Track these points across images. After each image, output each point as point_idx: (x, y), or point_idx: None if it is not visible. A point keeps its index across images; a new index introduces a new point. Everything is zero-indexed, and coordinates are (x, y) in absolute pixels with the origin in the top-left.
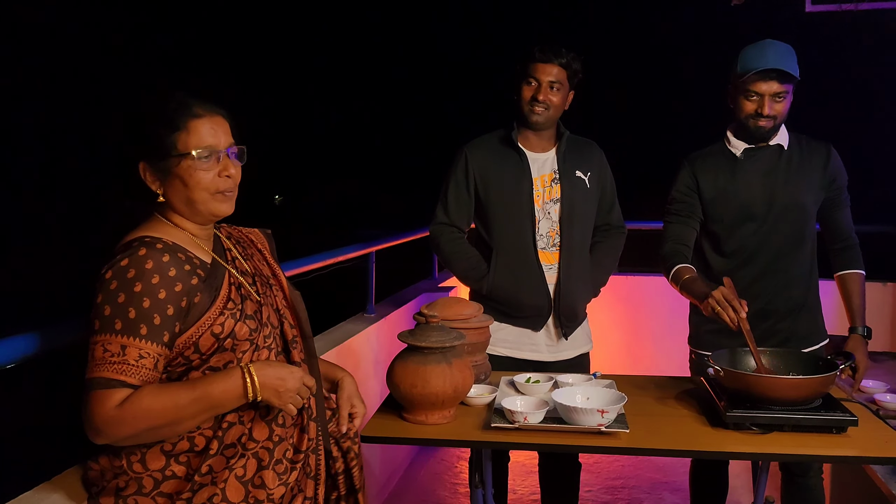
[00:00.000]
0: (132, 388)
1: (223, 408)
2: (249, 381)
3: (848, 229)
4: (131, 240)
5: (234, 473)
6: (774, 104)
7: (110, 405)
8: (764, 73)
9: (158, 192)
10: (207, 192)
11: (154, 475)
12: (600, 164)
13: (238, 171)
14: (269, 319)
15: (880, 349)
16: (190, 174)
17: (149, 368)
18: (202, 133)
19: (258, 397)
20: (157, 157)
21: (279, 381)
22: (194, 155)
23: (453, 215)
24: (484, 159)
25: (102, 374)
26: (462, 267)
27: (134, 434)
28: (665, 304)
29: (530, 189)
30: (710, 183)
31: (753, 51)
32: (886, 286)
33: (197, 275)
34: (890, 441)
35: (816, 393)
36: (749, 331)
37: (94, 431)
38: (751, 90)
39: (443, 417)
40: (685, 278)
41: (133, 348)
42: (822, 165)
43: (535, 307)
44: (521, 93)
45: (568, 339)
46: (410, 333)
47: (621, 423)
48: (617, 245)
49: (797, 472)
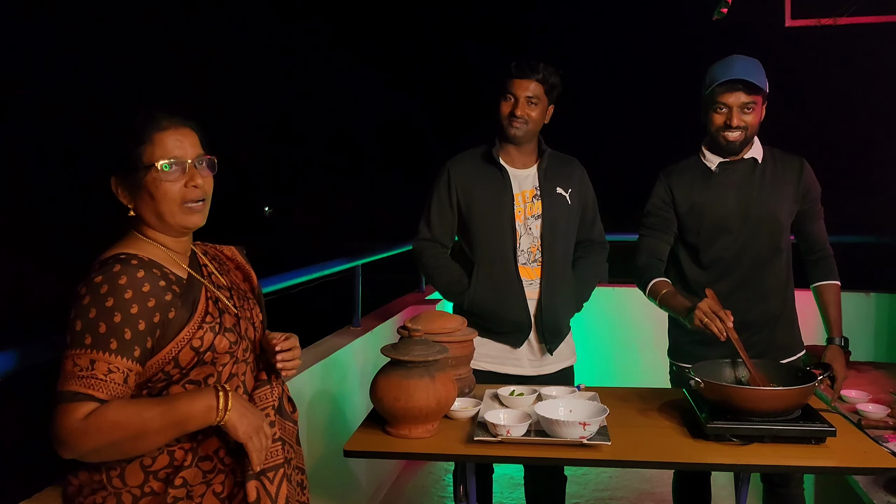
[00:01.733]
0: (100, 402)
1: (192, 423)
2: (222, 399)
3: (822, 241)
4: (107, 257)
5: (213, 489)
6: (743, 115)
7: (76, 417)
8: (730, 83)
9: (129, 207)
10: (175, 204)
11: (133, 491)
12: (581, 181)
13: (208, 181)
14: (247, 333)
15: (863, 359)
16: (156, 186)
17: (118, 383)
18: (167, 145)
19: (223, 420)
20: (125, 171)
21: (251, 427)
22: (158, 167)
23: (436, 231)
24: (466, 175)
25: (70, 388)
26: (444, 282)
27: (98, 447)
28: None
29: (511, 205)
30: (686, 196)
31: (720, 65)
32: (870, 296)
33: (172, 290)
34: (869, 451)
35: (796, 404)
36: (738, 339)
37: (60, 444)
38: (719, 102)
39: (426, 431)
40: (664, 293)
41: (102, 363)
42: (796, 178)
43: (516, 323)
44: (500, 108)
45: (553, 355)
46: (393, 347)
47: (603, 436)
48: (599, 260)
49: (778, 483)
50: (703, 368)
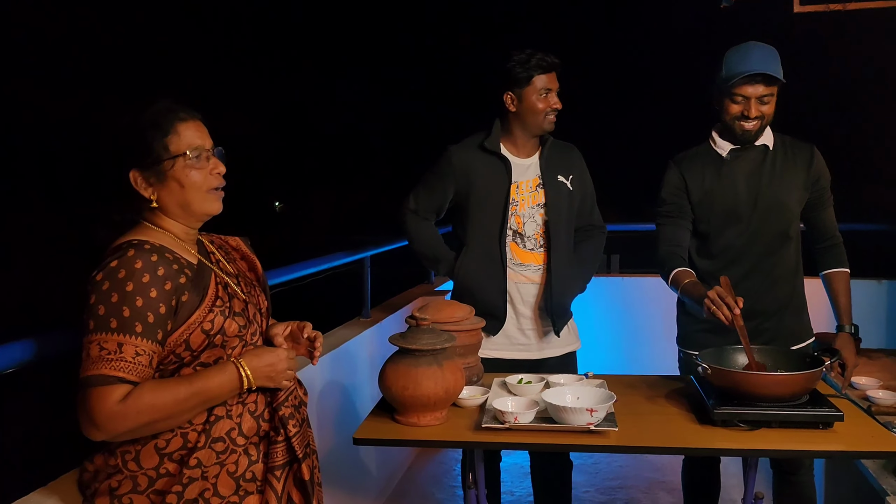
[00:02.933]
0: (131, 385)
1: (219, 399)
2: (244, 373)
3: (832, 228)
4: (120, 244)
5: (226, 469)
6: (760, 106)
7: (112, 401)
8: (750, 76)
9: (152, 198)
10: (202, 191)
11: (149, 473)
12: (580, 168)
13: (223, 169)
14: (255, 318)
15: (874, 346)
16: (185, 174)
17: (144, 365)
18: (190, 134)
19: (252, 387)
20: (149, 163)
21: (269, 367)
22: (189, 154)
23: (422, 205)
24: (468, 162)
25: (101, 372)
26: (425, 243)
27: (134, 428)
28: (658, 305)
29: (507, 193)
30: (698, 184)
31: (738, 54)
32: (881, 283)
33: (185, 274)
34: (876, 435)
35: (803, 389)
36: (743, 327)
37: (95, 427)
38: (736, 93)
39: (435, 419)
40: (685, 283)
41: (130, 346)
42: (806, 166)
43: (492, 304)
44: (534, 104)
45: (559, 336)
46: (401, 336)
47: (610, 422)
48: (599, 244)
49: (788, 470)
50: (710, 355)
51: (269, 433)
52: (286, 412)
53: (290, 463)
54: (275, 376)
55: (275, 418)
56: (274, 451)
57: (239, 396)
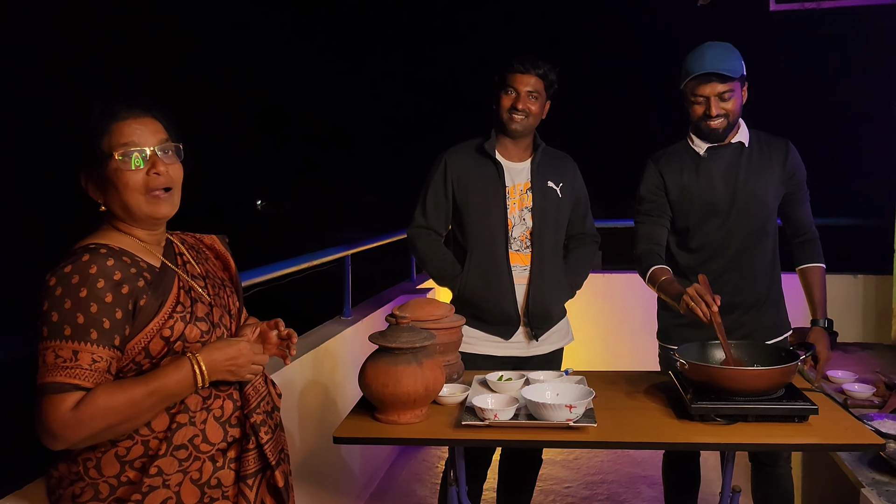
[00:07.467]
0: (85, 391)
1: (178, 397)
2: (197, 369)
3: (808, 223)
4: (76, 248)
5: (190, 477)
6: (721, 104)
7: (65, 408)
8: (703, 76)
9: (100, 202)
10: (139, 193)
11: (109, 481)
12: (573, 176)
13: (174, 169)
14: (222, 321)
15: (851, 340)
16: (118, 176)
17: (103, 371)
18: (125, 134)
19: (206, 383)
20: (91, 166)
21: (229, 361)
22: (116, 156)
23: (431, 219)
24: (461, 166)
25: (55, 379)
26: (437, 267)
27: (92, 434)
28: (639, 300)
29: (504, 198)
30: (676, 181)
31: (692, 56)
32: (857, 278)
33: (143, 277)
34: (850, 428)
35: (778, 383)
36: (720, 324)
37: (51, 436)
38: (696, 94)
39: (415, 417)
40: (662, 280)
41: (86, 353)
42: (782, 161)
43: (504, 313)
44: (501, 102)
45: (539, 340)
46: (381, 335)
47: (589, 418)
48: (591, 252)
49: (766, 462)
50: (688, 350)
51: (241, 440)
52: (258, 419)
53: (263, 470)
54: (236, 370)
55: (246, 425)
56: (246, 459)
57: (204, 402)
